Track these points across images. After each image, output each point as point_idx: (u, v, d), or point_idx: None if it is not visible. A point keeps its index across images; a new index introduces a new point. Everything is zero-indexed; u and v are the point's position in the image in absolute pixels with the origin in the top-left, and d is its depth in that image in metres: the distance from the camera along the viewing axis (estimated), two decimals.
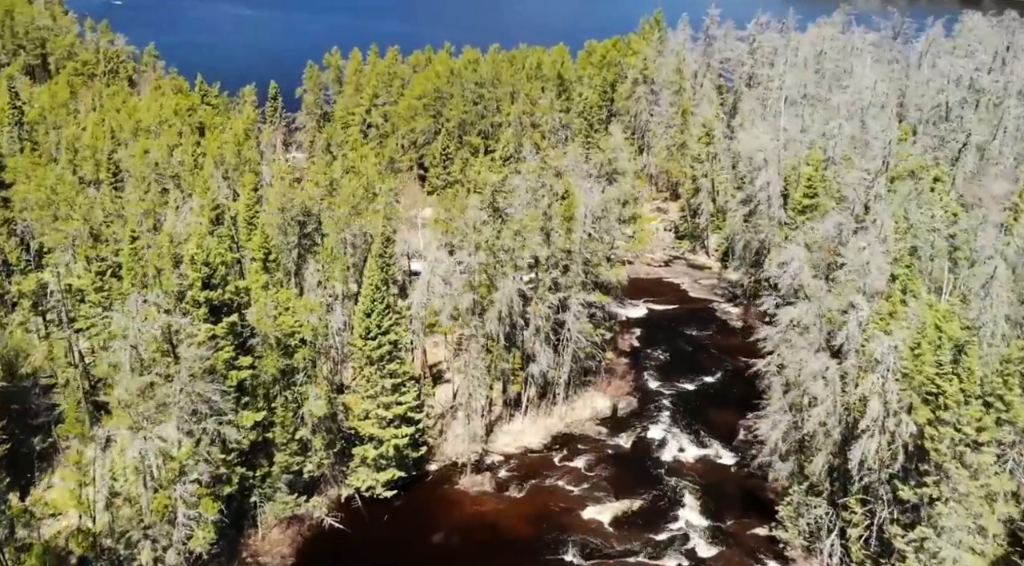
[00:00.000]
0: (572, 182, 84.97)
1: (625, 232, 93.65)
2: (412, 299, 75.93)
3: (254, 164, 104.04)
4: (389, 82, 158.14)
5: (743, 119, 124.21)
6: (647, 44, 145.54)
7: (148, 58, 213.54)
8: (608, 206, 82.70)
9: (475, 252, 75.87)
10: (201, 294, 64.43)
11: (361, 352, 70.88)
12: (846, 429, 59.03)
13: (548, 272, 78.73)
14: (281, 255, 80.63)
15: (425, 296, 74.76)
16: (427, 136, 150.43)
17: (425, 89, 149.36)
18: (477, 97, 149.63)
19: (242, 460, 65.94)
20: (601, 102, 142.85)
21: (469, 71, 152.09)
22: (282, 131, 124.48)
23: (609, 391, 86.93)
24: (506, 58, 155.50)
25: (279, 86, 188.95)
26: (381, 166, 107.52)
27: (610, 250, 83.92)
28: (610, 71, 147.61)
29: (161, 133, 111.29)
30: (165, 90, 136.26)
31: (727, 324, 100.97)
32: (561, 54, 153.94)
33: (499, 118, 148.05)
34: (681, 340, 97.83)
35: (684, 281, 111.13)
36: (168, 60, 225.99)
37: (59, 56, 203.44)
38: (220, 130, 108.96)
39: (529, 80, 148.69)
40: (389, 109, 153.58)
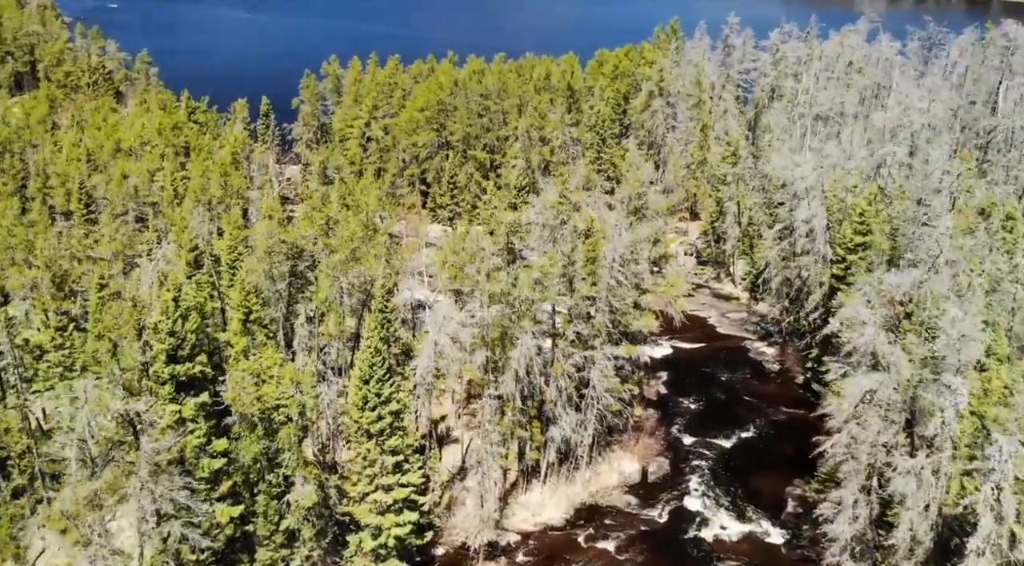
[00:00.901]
0: (595, 217, 73.82)
1: (653, 268, 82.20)
2: (417, 363, 64.48)
3: (241, 192, 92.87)
4: (389, 93, 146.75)
5: (771, 137, 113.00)
6: (662, 54, 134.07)
7: (140, 65, 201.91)
8: (638, 247, 71.42)
9: (488, 304, 64.65)
10: (166, 369, 53.22)
11: (357, 424, 59.70)
12: (941, 538, 47.98)
13: (571, 324, 67.53)
14: (267, 306, 69.44)
15: (432, 361, 63.43)
16: (430, 150, 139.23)
17: (428, 101, 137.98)
18: (482, 109, 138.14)
19: (217, 559, 54.86)
20: (614, 116, 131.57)
21: (474, 82, 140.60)
22: (275, 150, 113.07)
23: (637, 450, 75.76)
24: (513, 68, 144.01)
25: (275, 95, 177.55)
26: (382, 192, 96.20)
27: (640, 295, 72.66)
28: (623, 82, 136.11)
29: (142, 155, 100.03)
30: (151, 104, 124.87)
31: (762, 367, 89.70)
32: (571, 64, 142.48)
33: (506, 131, 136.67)
34: (713, 386, 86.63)
35: (711, 314, 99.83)
36: (161, 65, 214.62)
37: (48, 63, 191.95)
38: (206, 153, 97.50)
39: (537, 92, 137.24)
40: (390, 122, 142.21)
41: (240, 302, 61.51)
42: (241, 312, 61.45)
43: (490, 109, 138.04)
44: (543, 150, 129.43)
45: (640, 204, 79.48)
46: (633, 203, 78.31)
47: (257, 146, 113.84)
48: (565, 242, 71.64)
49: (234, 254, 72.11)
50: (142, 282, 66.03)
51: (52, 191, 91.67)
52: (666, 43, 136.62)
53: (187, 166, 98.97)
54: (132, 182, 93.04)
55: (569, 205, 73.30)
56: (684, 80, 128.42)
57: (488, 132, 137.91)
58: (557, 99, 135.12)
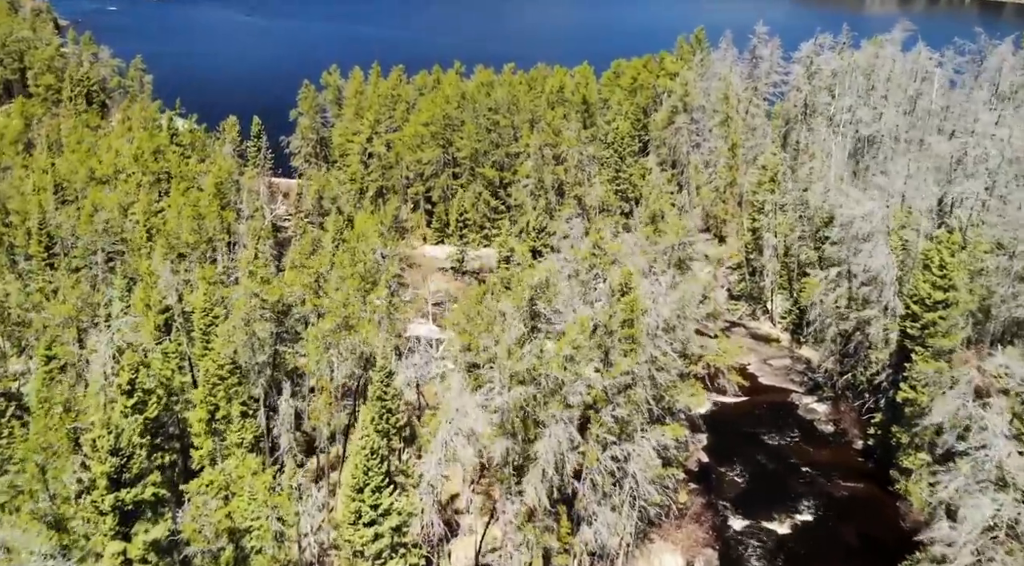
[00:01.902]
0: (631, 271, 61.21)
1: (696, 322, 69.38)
2: (426, 468, 51.72)
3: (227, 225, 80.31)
4: (392, 106, 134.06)
5: (809, 160, 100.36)
6: (685, 65, 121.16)
7: (134, 72, 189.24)
8: (685, 310, 58.86)
9: (510, 386, 52.21)
10: (107, 498, 40.82)
11: (349, 545, 47.41)
12: None
13: (609, 404, 55.03)
14: (247, 378, 57.00)
15: (443, 466, 50.86)
16: (435, 167, 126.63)
17: (433, 115, 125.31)
18: (491, 124, 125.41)
19: None
20: (633, 132, 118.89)
21: (482, 95, 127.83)
22: (266, 174, 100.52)
23: (680, 541, 63.30)
24: (524, 80, 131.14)
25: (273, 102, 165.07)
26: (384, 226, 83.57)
27: (687, 366, 60.17)
28: (642, 95, 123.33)
29: (118, 184, 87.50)
30: (134, 122, 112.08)
31: (814, 428, 77.12)
32: (585, 75, 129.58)
33: (516, 148, 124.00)
34: (760, 451, 74.11)
35: (750, 360, 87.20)
36: (157, 71, 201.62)
37: (38, 70, 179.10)
38: (189, 181, 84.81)
39: (551, 106, 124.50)
40: (393, 136, 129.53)
41: (204, 396, 49.03)
42: (205, 410, 48.94)
43: (499, 124, 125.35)
44: (557, 169, 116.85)
45: (684, 255, 66.66)
46: (676, 253, 65.52)
47: (247, 170, 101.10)
48: (599, 302, 59.39)
49: (208, 317, 59.56)
50: (95, 358, 53.48)
51: (10, 231, 79.30)
52: (689, 54, 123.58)
53: (167, 196, 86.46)
54: (103, 217, 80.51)
55: (604, 257, 60.82)
56: (710, 95, 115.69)
57: (497, 148, 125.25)
58: (571, 113, 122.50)
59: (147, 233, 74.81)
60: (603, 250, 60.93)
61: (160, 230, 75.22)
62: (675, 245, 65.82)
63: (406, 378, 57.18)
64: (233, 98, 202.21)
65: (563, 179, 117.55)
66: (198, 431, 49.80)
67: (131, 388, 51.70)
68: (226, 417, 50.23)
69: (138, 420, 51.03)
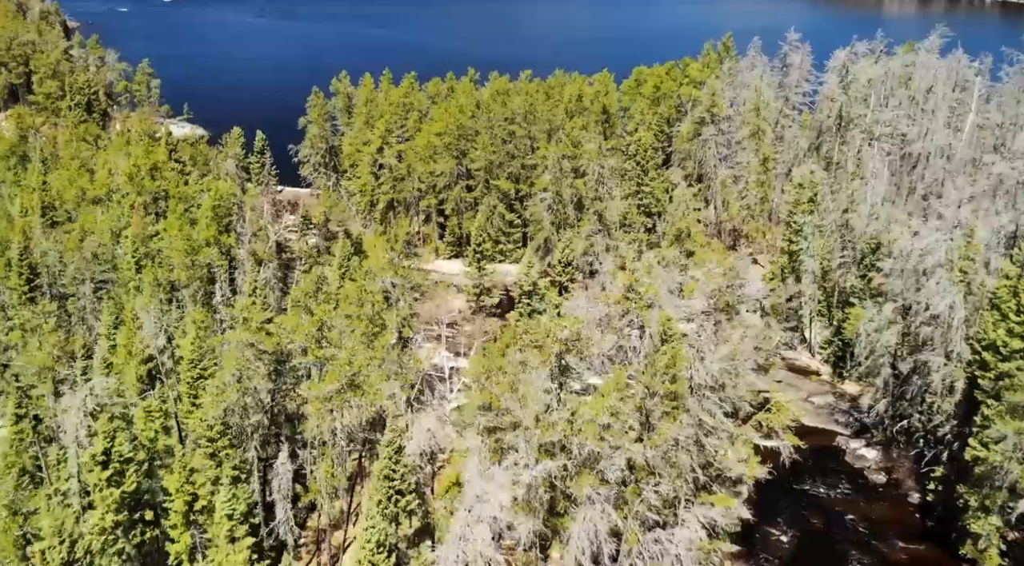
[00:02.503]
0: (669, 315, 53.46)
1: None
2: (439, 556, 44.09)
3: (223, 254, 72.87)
4: (404, 114, 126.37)
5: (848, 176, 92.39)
6: (712, 73, 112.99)
7: (142, 76, 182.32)
8: (738, 366, 51.11)
9: (538, 457, 44.62)
10: None
11: None
12: None
13: (651, 475, 47.36)
14: (241, 439, 49.59)
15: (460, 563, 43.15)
16: (448, 179, 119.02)
17: (446, 125, 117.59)
18: (507, 135, 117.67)
19: None
20: (656, 143, 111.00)
21: (498, 104, 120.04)
22: (270, 193, 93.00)
23: None
24: (541, 89, 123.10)
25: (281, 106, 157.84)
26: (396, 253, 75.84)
27: (738, 426, 52.39)
28: (666, 105, 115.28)
29: (110, 206, 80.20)
30: (134, 133, 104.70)
31: (865, 477, 69.21)
32: (605, 83, 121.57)
33: (533, 159, 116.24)
34: (807, 505, 66.30)
35: (789, 396, 79.15)
36: (165, 75, 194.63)
37: (43, 75, 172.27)
38: (185, 206, 77.30)
39: (569, 115, 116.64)
40: (404, 147, 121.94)
41: (179, 483, 41.58)
42: (182, 500, 41.50)
43: (515, 134, 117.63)
44: (576, 183, 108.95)
45: (734, 298, 58.76)
46: (723, 297, 57.65)
47: (250, 187, 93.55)
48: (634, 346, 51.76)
49: (197, 369, 52.09)
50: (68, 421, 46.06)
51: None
52: (716, 62, 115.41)
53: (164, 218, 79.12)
54: (93, 242, 73.23)
55: (640, 301, 53.06)
56: (738, 104, 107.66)
57: (513, 159, 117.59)
58: (590, 123, 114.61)
59: (136, 265, 67.37)
60: (638, 293, 53.19)
61: (152, 259, 67.70)
62: (722, 287, 57.88)
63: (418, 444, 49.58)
64: (242, 103, 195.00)
65: (582, 193, 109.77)
66: (175, 522, 42.44)
67: (106, 458, 44.45)
68: (206, 508, 42.74)
69: (113, 494, 43.91)
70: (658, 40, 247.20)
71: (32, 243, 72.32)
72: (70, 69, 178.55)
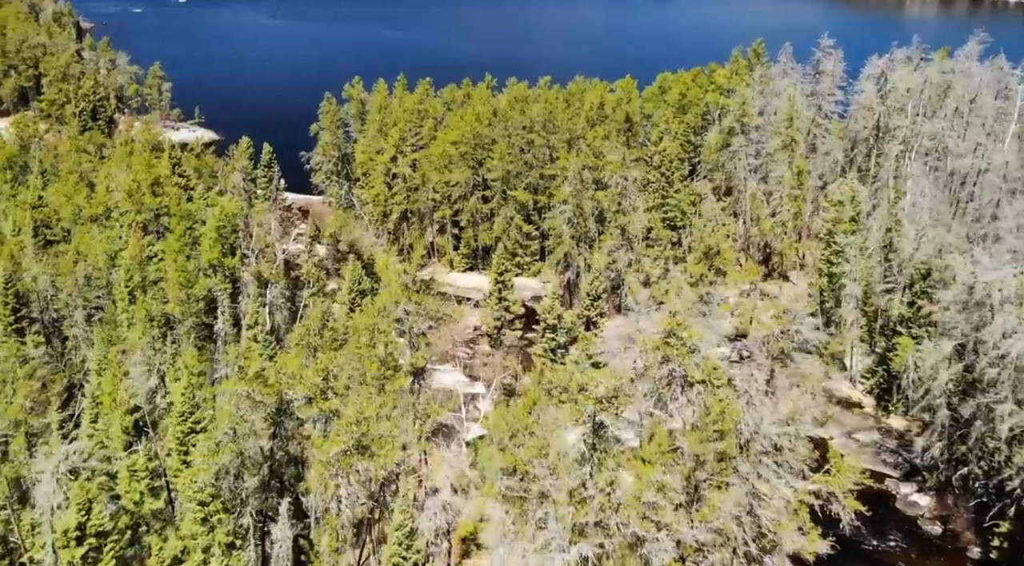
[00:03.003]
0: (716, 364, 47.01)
1: None
2: None
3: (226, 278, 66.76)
4: (419, 121, 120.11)
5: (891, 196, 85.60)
6: (741, 80, 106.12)
7: (153, 79, 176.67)
8: (798, 428, 44.54)
9: (571, 539, 38.33)
10: None
11: None
12: None
13: (699, 553, 41.00)
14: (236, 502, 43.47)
15: None
16: (464, 189, 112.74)
17: (462, 133, 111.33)
18: (525, 143, 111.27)
19: None
20: (683, 154, 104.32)
21: (516, 112, 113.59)
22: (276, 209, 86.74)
23: None
24: (561, 96, 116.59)
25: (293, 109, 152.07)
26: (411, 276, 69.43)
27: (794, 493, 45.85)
28: (692, 113, 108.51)
29: (107, 225, 74.27)
30: (137, 143, 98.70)
31: (918, 528, 62.53)
32: (628, 90, 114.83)
33: (552, 169, 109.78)
34: (854, 559, 59.83)
35: (831, 431, 72.74)
36: (178, 76, 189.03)
37: (52, 78, 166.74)
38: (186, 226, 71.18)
39: (591, 124, 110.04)
40: (419, 156, 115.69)
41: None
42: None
43: (534, 143, 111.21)
44: (598, 195, 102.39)
45: (789, 345, 52.14)
46: (778, 343, 51.06)
47: (257, 202, 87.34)
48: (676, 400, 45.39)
49: (188, 423, 46.03)
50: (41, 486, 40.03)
51: None
52: (745, 68, 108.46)
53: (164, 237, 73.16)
54: (88, 265, 67.27)
55: (681, 348, 46.60)
56: (768, 112, 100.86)
57: (531, 169, 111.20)
58: (612, 132, 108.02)
59: (130, 295, 61.35)
60: (680, 338, 46.77)
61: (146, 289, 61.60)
62: (775, 334, 51.29)
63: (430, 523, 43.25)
64: (254, 105, 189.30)
65: (604, 206, 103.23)
66: None
67: (80, 533, 38.41)
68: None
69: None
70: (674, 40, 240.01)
71: (22, 267, 66.43)
72: (80, 72, 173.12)
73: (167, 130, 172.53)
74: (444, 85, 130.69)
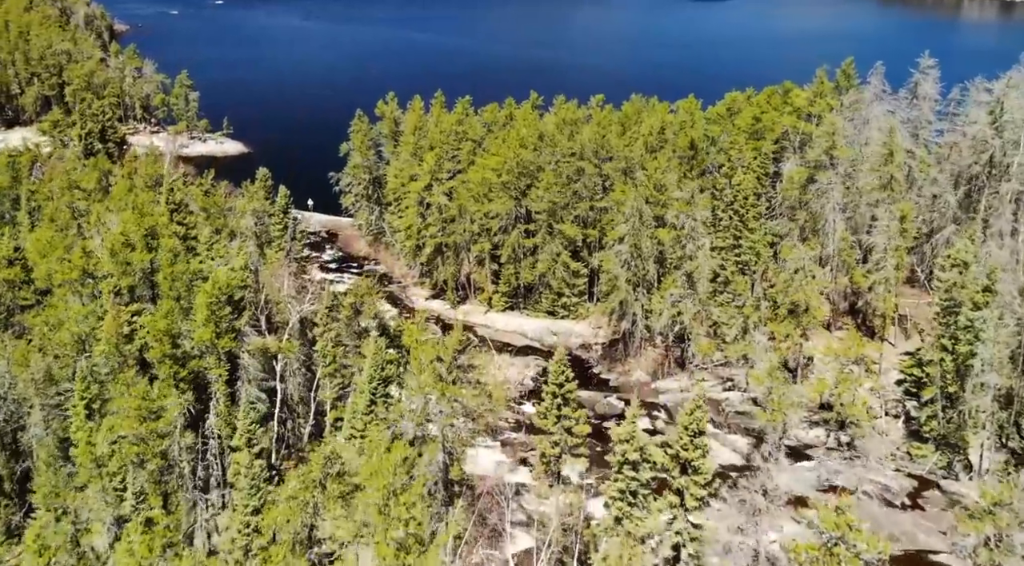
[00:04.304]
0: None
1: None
2: None
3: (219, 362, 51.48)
4: (457, 144, 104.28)
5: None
6: (824, 103, 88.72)
7: (180, 89, 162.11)
8: None
9: None
10: None
11: None
12: None
13: None
14: None
15: None
16: (505, 222, 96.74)
17: (505, 160, 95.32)
18: (575, 172, 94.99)
19: None
20: (759, 188, 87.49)
21: (564, 136, 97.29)
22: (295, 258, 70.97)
23: None
24: (616, 118, 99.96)
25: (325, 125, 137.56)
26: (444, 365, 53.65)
27: None
28: (767, 140, 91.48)
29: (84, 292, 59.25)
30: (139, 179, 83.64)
31: None
32: (690, 112, 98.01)
33: (605, 201, 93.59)
34: None
35: (950, 551, 56.11)
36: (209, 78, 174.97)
37: (76, 87, 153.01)
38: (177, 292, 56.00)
39: (650, 152, 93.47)
40: (456, 183, 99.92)
41: None
42: None
43: (585, 172, 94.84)
44: (659, 232, 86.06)
45: None
46: None
47: (270, 253, 71.88)
48: None
49: None
50: None
51: None
52: (832, 91, 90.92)
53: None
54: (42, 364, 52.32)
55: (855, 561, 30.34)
56: (858, 144, 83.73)
57: (581, 200, 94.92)
58: (674, 161, 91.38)
59: (87, 409, 46.25)
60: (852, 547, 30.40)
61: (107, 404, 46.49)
62: None
63: None
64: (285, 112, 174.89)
65: (666, 247, 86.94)
66: None
67: None
68: None
69: None
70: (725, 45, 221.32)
71: None
72: (104, 81, 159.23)
73: (194, 142, 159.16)
74: (480, 93, 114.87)
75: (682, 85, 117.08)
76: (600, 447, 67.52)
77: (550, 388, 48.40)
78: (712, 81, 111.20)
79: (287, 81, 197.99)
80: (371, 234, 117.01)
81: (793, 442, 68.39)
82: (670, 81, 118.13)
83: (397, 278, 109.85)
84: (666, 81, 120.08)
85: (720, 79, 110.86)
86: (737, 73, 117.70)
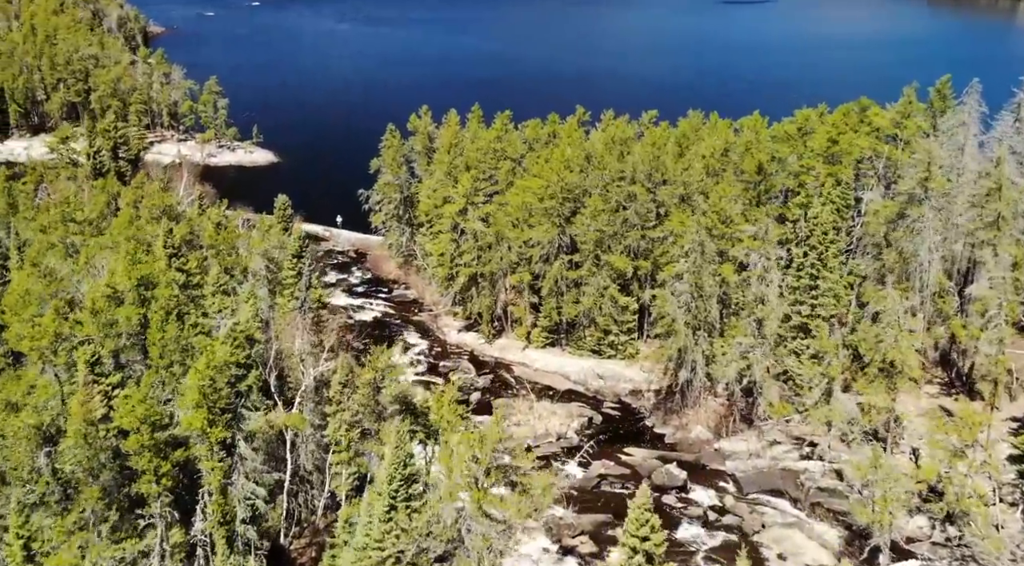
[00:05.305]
0: None
1: None
2: None
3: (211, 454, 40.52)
4: (495, 163, 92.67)
5: None
6: (913, 126, 75.49)
7: (208, 95, 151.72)
8: None
9: None
10: None
11: None
12: None
13: None
14: None
15: None
16: (547, 251, 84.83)
17: (547, 184, 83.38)
18: (625, 197, 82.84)
19: None
20: (838, 222, 74.54)
21: (613, 157, 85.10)
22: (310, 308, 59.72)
23: None
24: (673, 138, 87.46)
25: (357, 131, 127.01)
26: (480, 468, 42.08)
27: None
28: (845, 165, 78.49)
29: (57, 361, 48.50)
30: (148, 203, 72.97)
31: None
32: (756, 130, 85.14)
33: (660, 230, 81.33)
34: None
35: None
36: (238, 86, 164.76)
37: (102, 93, 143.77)
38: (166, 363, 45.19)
39: (711, 176, 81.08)
40: (493, 206, 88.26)
41: None
42: None
43: (636, 197, 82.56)
44: (724, 269, 73.72)
45: None
46: None
47: (280, 303, 60.63)
48: None
49: None
50: None
51: None
52: (925, 112, 77.59)
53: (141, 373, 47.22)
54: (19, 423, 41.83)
55: None
56: (953, 173, 70.65)
57: (631, 229, 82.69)
58: (738, 186, 78.94)
59: (24, 552, 35.27)
60: None
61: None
62: None
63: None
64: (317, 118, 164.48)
65: (732, 284, 74.67)
66: None
67: None
68: None
69: None
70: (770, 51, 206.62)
71: None
72: (132, 87, 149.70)
73: (222, 151, 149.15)
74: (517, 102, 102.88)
75: (736, 95, 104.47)
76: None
77: (628, 540, 35.53)
78: (768, 91, 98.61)
79: (320, 85, 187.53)
80: (401, 256, 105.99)
81: (893, 535, 55.96)
82: (721, 90, 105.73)
83: (428, 305, 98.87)
84: (717, 90, 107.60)
85: (777, 89, 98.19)
86: (796, 82, 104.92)
